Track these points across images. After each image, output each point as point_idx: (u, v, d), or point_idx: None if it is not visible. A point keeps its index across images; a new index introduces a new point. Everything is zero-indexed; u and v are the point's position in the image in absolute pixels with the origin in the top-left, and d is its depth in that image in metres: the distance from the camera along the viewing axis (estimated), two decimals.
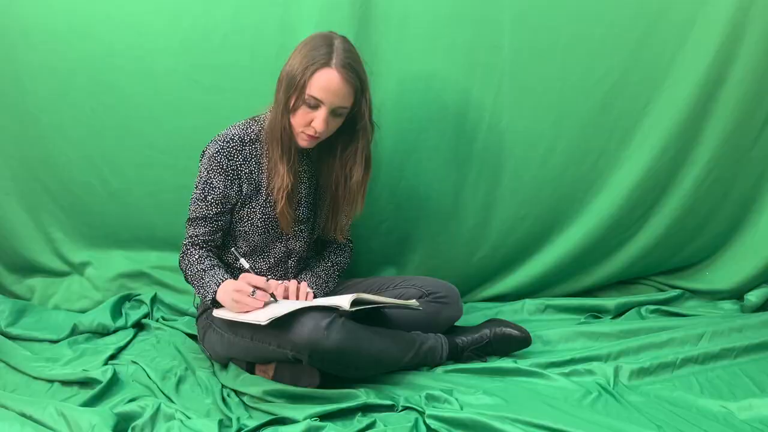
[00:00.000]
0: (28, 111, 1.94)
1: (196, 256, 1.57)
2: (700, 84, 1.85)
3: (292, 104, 1.47)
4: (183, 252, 1.61)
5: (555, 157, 1.92)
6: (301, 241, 1.67)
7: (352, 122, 1.55)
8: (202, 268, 1.55)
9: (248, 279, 1.46)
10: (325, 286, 1.69)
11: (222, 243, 1.65)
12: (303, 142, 1.52)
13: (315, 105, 1.46)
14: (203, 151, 1.57)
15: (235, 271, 1.64)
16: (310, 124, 1.48)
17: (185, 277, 1.60)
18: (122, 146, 1.93)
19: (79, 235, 2.06)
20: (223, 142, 1.54)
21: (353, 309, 1.40)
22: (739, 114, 1.89)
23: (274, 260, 1.66)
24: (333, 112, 1.48)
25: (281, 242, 1.65)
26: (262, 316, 1.39)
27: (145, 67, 1.86)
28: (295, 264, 1.69)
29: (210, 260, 1.57)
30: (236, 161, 1.55)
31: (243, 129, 1.57)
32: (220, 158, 1.53)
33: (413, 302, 1.54)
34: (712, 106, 1.88)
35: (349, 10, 1.78)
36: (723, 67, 1.84)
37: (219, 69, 1.84)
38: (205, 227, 1.58)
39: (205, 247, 1.60)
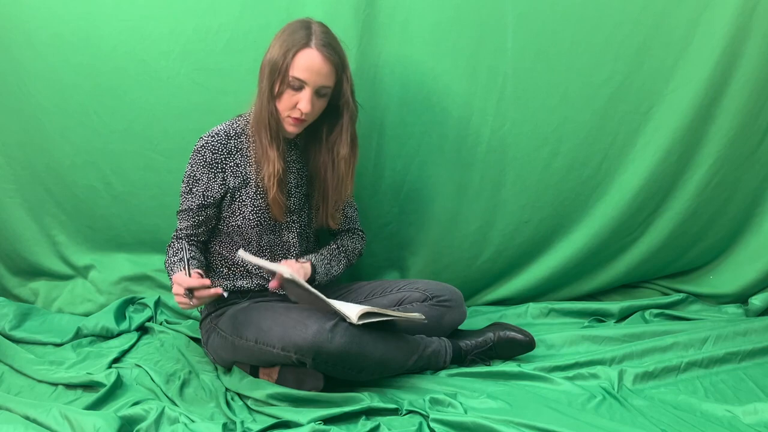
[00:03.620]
0: (31, 115, 1.95)
1: (176, 247, 1.60)
2: (703, 87, 1.85)
3: (276, 90, 1.50)
4: (169, 244, 1.64)
5: (558, 161, 1.92)
6: (294, 232, 1.67)
7: (335, 102, 1.57)
8: (173, 261, 1.57)
9: (179, 281, 1.42)
10: (328, 266, 1.69)
11: (207, 240, 1.67)
12: (290, 127, 1.54)
13: (299, 86, 1.49)
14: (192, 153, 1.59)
15: (211, 268, 1.68)
16: (296, 106, 1.50)
17: (165, 266, 1.62)
18: (126, 149, 1.94)
19: (83, 238, 2.07)
20: (208, 137, 1.58)
21: (360, 322, 1.41)
22: (742, 117, 1.89)
23: (274, 259, 1.66)
24: (317, 93, 1.51)
25: (276, 235, 1.65)
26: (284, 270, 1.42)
27: (149, 71, 1.87)
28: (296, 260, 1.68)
29: (182, 252, 1.55)
30: (221, 154, 1.57)
31: (228, 125, 1.61)
32: (204, 152, 1.56)
33: (418, 315, 1.54)
34: (715, 110, 1.88)
35: (353, 15, 1.78)
36: (726, 70, 1.84)
37: (222, 72, 1.85)
38: (188, 221, 1.61)
39: (187, 241, 1.62)
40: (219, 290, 1.42)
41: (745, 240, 2.06)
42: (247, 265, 1.64)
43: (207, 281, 1.41)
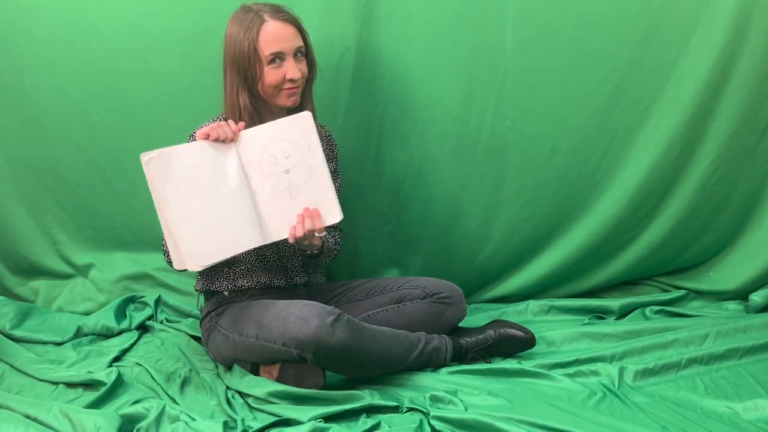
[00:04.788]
0: (31, 114, 1.95)
1: None
2: (704, 84, 1.84)
3: (257, 75, 1.52)
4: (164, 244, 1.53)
5: (558, 158, 1.92)
6: None
7: (311, 59, 1.62)
8: None
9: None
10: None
11: None
12: (288, 100, 1.56)
13: (277, 59, 1.52)
14: None
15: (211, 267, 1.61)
16: (284, 78, 1.53)
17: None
18: (125, 148, 1.94)
19: (83, 237, 2.07)
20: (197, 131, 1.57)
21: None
22: (742, 114, 1.88)
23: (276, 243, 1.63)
24: (295, 56, 1.55)
25: None
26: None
27: (148, 69, 1.87)
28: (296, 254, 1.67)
29: None
30: None
31: (215, 120, 1.61)
32: None
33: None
34: (715, 106, 1.87)
35: (352, 12, 1.78)
36: (726, 66, 1.83)
37: (221, 70, 1.84)
38: None
39: None
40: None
41: (745, 237, 2.05)
42: (247, 263, 1.63)
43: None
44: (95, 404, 1.45)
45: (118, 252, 2.07)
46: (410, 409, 1.41)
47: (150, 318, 1.94)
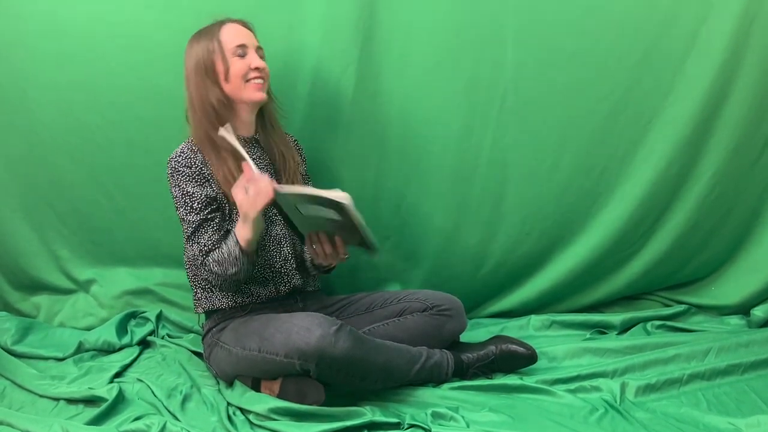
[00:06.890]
0: (34, 130, 1.96)
1: (221, 252, 1.54)
2: (704, 98, 1.85)
3: (224, 68, 1.58)
4: (205, 266, 1.56)
5: (559, 173, 1.93)
6: (280, 224, 1.68)
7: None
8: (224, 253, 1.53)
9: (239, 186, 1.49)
10: None
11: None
12: (257, 93, 1.62)
13: (242, 54, 1.60)
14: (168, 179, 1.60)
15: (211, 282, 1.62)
16: (249, 68, 1.60)
17: (224, 279, 1.55)
18: (128, 163, 1.95)
19: (85, 252, 2.07)
20: (175, 157, 1.60)
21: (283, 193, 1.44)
22: (743, 128, 1.89)
23: (270, 253, 1.65)
24: (257, 52, 1.63)
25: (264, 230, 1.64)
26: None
27: (149, 83, 1.88)
28: (291, 252, 1.69)
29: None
30: (196, 166, 1.58)
31: (186, 145, 1.63)
32: (182, 169, 1.58)
33: (339, 194, 1.38)
34: (715, 122, 1.88)
35: (353, 31, 1.80)
36: (726, 81, 1.84)
37: None
38: (207, 231, 1.57)
39: (219, 247, 1.56)
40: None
41: (746, 251, 2.05)
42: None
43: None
44: (96, 421, 1.44)
45: (120, 267, 2.07)
46: (411, 426, 1.40)
47: (151, 333, 1.94)
